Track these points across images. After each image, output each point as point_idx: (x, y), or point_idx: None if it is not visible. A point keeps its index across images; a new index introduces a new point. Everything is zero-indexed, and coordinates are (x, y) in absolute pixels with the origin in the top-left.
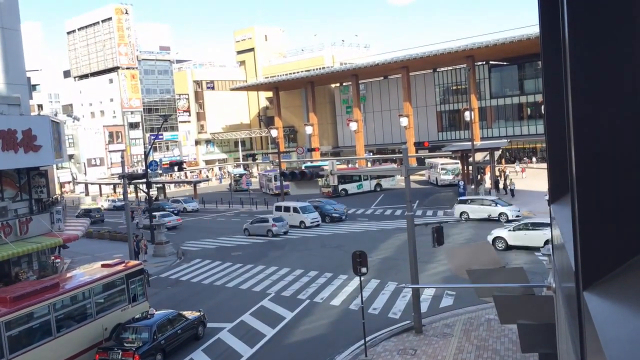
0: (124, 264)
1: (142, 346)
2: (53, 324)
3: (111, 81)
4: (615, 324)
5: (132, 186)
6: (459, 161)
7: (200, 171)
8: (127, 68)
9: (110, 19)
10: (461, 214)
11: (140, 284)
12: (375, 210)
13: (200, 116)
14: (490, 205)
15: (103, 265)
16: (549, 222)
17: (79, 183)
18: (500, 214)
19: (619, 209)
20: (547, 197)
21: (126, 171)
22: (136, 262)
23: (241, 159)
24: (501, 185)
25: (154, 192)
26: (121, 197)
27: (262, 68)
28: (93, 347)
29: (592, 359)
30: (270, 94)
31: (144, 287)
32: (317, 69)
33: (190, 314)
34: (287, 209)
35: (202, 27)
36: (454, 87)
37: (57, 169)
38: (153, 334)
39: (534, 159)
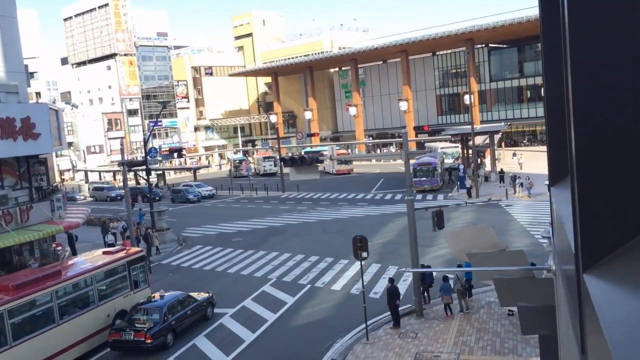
0: (125, 251)
1: (153, 327)
2: (56, 311)
3: (109, 68)
4: (614, 306)
5: (131, 173)
6: (458, 145)
7: (200, 157)
8: (125, 54)
9: (106, 5)
10: None
11: (141, 271)
12: (375, 195)
13: (199, 102)
14: None
15: (104, 253)
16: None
17: (79, 171)
18: None
19: (619, 191)
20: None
21: (126, 158)
22: (137, 248)
23: (240, 145)
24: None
25: (153, 179)
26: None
27: (260, 53)
28: (96, 333)
29: (592, 341)
30: (269, 79)
31: (145, 273)
32: (315, 54)
33: (199, 295)
34: None
35: (200, 13)
36: (454, 71)
37: (57, 156)
38: (164, 315)
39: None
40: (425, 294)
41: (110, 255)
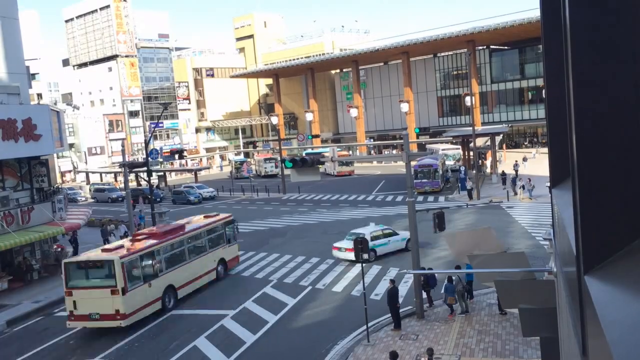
0: (220, 216)
1: None
2: (186, 252)
3: (110, 69)
4: (616, 308)
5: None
6: (460, 146)
7: (201, 159)
8: (126, 56)
9: (108, 6)
10: None
11: (232, 231)
12: (376, 197)
13: (200, 104)
14: None
15: (205, 217)
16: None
17: (80, 172)
18: None
19: (620, 193)
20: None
21: (127, 160)
22: (228, 214)
23: (242, 147)
24: (499, 170)
25: (154, 181)
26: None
27: (261, 55)
28: (208, 272)
29: (593, 343)
30: (270, 80)
31: (234, 233)
32: (316, 55)
33: None
34: None
35: (201, 14)
36: (455, 72)
37: (58, 158)
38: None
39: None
40: (428, 296)
41: (212, 217)
